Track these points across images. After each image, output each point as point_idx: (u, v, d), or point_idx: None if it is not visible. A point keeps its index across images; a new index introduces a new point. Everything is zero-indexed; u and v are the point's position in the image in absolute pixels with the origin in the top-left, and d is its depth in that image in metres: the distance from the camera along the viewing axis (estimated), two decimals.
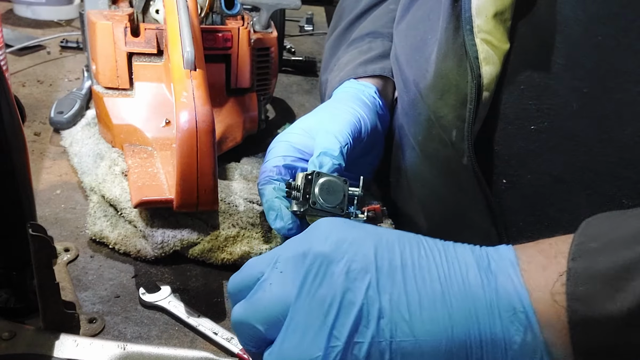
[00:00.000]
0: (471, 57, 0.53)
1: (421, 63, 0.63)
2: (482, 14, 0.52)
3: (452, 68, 0.56)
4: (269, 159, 0.62)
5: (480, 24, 0.53)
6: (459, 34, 0.55)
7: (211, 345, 0.52)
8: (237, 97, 0.77)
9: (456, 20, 0.55)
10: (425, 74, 0.61)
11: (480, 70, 0.53)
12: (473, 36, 0.53)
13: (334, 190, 0.56)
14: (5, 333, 0.47)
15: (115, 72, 0.72)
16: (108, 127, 0.73)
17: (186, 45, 0.58)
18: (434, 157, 0.62)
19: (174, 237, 0.60)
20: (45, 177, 0.73)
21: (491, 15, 0.52)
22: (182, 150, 0.56)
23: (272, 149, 0.63)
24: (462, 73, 0.55)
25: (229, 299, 0.50)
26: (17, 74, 1.02)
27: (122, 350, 0.48)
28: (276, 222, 0.57)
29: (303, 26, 1.50)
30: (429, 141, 0.62)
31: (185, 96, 0.57)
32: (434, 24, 0.61)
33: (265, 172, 0.61)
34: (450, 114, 0.57)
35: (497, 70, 0.54)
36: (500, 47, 0.53)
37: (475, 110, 0.55)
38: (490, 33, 0.53)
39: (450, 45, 0.56)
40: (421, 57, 0.63)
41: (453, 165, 0.58)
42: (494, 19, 0.52)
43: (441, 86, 0.58)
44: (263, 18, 0.82)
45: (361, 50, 0.78)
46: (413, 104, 0.65)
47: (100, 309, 0.55)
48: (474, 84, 0.54)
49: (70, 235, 0.64)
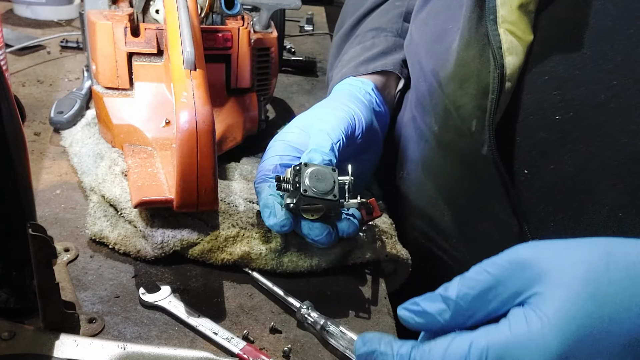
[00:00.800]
0: (494, 47, 0.53)
1: (441, 52, 0.63)
2: (506, 4, 0.53)
3: (474, 57, 0.56)
4: (266, 159, 0.62)
5: (505, 14, 0.53)
6: (482, 23, 0.55)
7: (211, 345, 0.52)
8: (237, 97, 0.77)
9: (480, 10, 0.55)
10: (446, 63, 0.61)
11: (503, 61, 0.53)
12: (497, 26, 0.53)
13: (323, 178, 0.56)
14: (5, 333, 0.47)
15: (115, 72, 0.72)
16: (108, 127, 0.73)
17: (186, 45, 0.58)
18: (450, 147, 0.62)
19: (174, 237, 0.60)
20: (45, 177, 0.73)
21: (516, 6, 0.52)
22: (182, 150, 0.56)
23: (270, 148, 0.64)
24: (484, 62, 0.55)
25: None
26: (17, 74, 1.02)
27: (122, 350, 0.48)
28: (270, 219, 0.57)
29: (303, 26, 1.50)
30: (445, 132, 0.62)
31: (185, 96, 0.57)
32: (455, 13, 0.61)
33: (261, 171, 0.61)
34: (470, 104, 0.58)
35: (521, 61, 0.54)
36: (524, 38, 0.53)
37: (497, 101, 0.55)
38: (514, 24, 0.53)
39: (472, 34, 0.56)
40: (442, 46, 0.63)
41: (471, 155, 0.59)
42: (519, 10, 0.52)
43: (462, 75, 0.58)
44: (263, 18, 0.82)
45: (364, 47, 0.78)
46: (430, 93, 0.65)
47: (100, 309, 0.55)
48: (497, 73, 0.54)
49: (70, 235, 0.64)
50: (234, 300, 0.58)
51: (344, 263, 0.63)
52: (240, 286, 0.60)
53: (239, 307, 0.57)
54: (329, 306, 0.58)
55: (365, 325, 0.57)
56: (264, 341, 0.53)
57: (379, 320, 0.58)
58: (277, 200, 0.57)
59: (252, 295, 0.59)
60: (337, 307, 0.59)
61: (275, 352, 0.52)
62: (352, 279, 0.63)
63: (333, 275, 0.62)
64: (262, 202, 0.58)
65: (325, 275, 0.62)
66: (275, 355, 0.52)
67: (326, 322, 0.53)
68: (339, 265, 0.63)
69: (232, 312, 0.56)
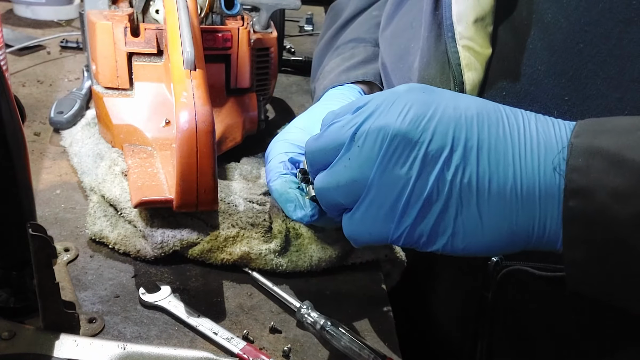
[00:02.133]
0: (453, 65, 0.53)
1: (405, 71, 0.63)
2: (462, 20, 0.52)
3: (434, 76, 0.56)
4: (272, 158, 0.62)
5: (462, 30, 0.53)
6: (440, 41, 0.55)
7: (211, 345, 0.52)
8: (237, 97, 0.77)
9: (438, 28, 0.55)
10: (409, 82, 0.61)
11: (462, 77, 0.53)
12: (455, 43, 0.53)
13: None
14: (5, 333, 0.47)
15: (115, 72, 0.72)
16: (108, 127, 0.73)
17: (186, 45, 0.58)
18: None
19: (174, 237, 0.60)
20: (45, 177, 0.73)
21: (472, 21, 0.52)
22: (182, 150, 0.56)
23: (272, 149, 0.64)
24: (444, 80, 0.55)
25: (306, 160, 0.53)
26: (17, 74, 1.02)
27: (122, 350, 0.48)
28: (296, 212, 0.57)
29: (303, 26, 1.50)
30: None
31: (185, 96, 0.57)
32: (416, 32, 0.61)
33: (272, 170, 0.61)
34: None
35: (480, 77, 0.54)
36: (482, 53, 0.53)
37: None
38: (472, 39, 0.53)
39: (432, 53, 0.56)
40: (405, 65, 0.63)
41: None
42: (475, 25, 0.52)
43: None
44: (263, 18, 0.82)
45: (344, 57, 0.78)
46: None
47: (100, 308, 0.55)
48: (457, 90, 0.54)
49: (70, 235, 0.64)
50: (233, 300, 0.58)
51: (344, 263, 0.63)
52: (240, 286, 0.60)
53: (238, 307, 0.57)
54: (328, 306, 0.58)
55: (365, 325, 0.57)
56: (264, 341, 0.53)
57: (378, 320, 0.58)
58: (298, 192, 0.58)
59: (252, 295, 0.59)
60: (337, 307, 0.59)
61: (275, 352, 0.52)
62: (351, 279, 0.63)
63: (332, 275, 0.62)
64: (282, 198, 0.58)
65: (324, 275, 0.62)
66: (275, 355, 0.52)
67: (326, 322, 0.53)
68: (338, 265, 0.63)
69: (232, 312, 0.56)
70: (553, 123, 0.42)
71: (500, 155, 0.41)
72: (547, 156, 0.40)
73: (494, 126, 0.42)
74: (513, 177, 0.40)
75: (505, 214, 0.41)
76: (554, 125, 0.42)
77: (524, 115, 0.43)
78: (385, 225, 0.44)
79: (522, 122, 0.42)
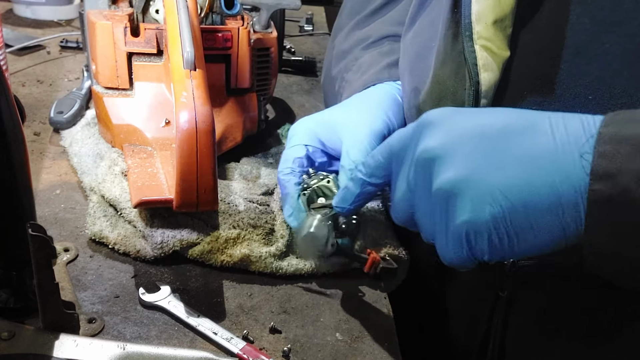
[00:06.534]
0: (470, 64, 0.53)
1: (423, 70, 0.63)
2: (481, 20, 0.52)
3: (449, 75, 0.56)
4: (291, 145, 0.63)
5: (480, 30, 0.52)
6: (458, 40, 0.54)
7: (211, 345, 0.52)
8: (237, 97, 0.77)
9: (455, 27, 0.55)
10: (426, 80, 0.61)
11: (478, 77, 0.53)
12: (472, 43, 0.53)
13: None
14: (5, 333, 0.47)
15: (115, 72, 0.72)
16: (108, 127, 0.73)
17: (186, 45, 0.58)
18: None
19: (174, 238, 0.60)
20: (45, 177, 0.73)
21: (491, 22, 0.52)
22: (182, 150, 0.56)
23: (295, 134, 0.65)
24: (459, 80, 0.55)
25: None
26: (17, 74, 1.02)
27: (121, 350, 0.48)
28: (291, 220, 0.60)
29: (303, 26, 1.50)
30: None
31: (185, 96, 0.57)
32: (437, 31, 0.61)
33: (287, 161, 0.62)
34: None
35: (496, 78, 0.53)
36: (499, 55, 0.53)
37: None
38: (490, 40, 0.53)
39: (448, 51, 0.56)
40: (424, 64, 0.63)
41: None
42: (494, 26, 0.52)
43: (438, 92, 0.58)
44: (263, 18, 0.82)
45: (381, 52, 0.77)
46: (410, 113, 0.65)
47: (100, 309, 0.55)
48: (472, 90, 0.53)
49: (69, 235, 0.64)
50: (233, 300, 0.58)
51: (345, 268, 0.63)
52: (240, 286, 0.60)
53: (238, 307, 0.57)
54: (328, 306, 0.57)
55: (365, 325, 0.57)
56: (264, 341, 0.53)
57: (379, 320, 0.58)
58: (298, 199, 0.60)
59: (252, 295, 0.59)
60: (337, 307, 0.59)
61: (275, 352, 0.52)
62: (352, 279, 0.63)
63: (333, 276, 0.62)
64: (285, 196, 0.61)
65: (325, 276, 0.62)
66: (275, 355, 0.52)
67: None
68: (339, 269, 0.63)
69: (232, 312, 0.56)
70: (581, 119, 0.42)
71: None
72: (575, 148, 0.41)
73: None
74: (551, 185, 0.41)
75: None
76: (582, 121, 0.42)
77: (551, 119, 0.43)
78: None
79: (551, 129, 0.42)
